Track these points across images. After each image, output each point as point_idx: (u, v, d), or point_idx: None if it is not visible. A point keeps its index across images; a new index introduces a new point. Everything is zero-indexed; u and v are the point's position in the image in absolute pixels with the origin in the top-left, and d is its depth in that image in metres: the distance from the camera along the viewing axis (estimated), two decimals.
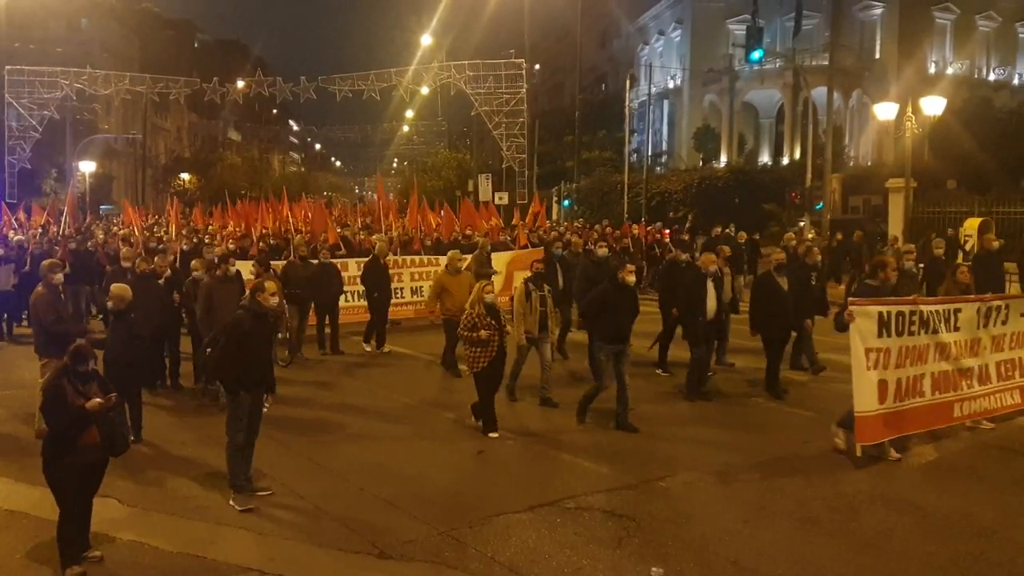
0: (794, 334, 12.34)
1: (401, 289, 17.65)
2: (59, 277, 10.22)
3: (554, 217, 40.88)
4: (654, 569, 6.37)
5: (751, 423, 10.51)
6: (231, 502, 7.55)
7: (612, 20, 63.48)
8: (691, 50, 54.14)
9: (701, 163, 49.00)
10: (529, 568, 6.42)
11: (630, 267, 10.29)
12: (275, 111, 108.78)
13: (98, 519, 6.66)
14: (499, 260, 18.46)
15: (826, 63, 38.30)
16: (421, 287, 17.43)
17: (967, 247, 21.63)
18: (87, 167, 50.89)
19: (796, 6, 40.10)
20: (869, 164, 43.18)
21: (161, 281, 11.97)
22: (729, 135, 51.22)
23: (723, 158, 49.61)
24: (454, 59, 45.11)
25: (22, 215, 29.39)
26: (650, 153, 49.17)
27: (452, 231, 22.12)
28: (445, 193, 44.90)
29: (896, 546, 6.87)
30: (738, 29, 46.83)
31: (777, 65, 45.86)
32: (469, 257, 16.11)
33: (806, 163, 29.40)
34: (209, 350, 8.72)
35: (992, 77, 50.55)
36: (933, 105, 25.76)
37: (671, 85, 56.46)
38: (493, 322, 9.75)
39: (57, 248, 17.89)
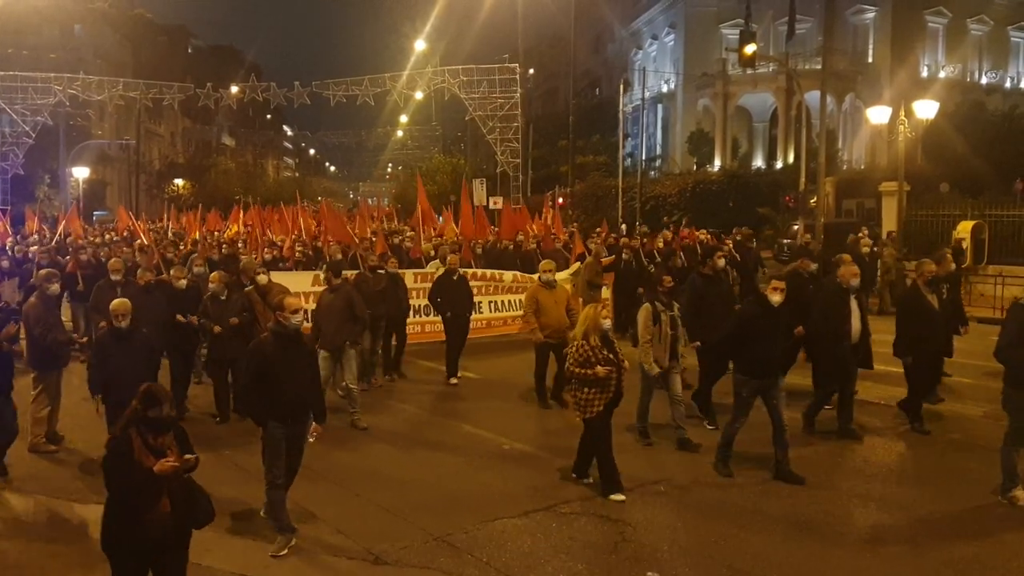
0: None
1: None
2: (55, 288, 10.03)
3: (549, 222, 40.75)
4: (649, 574, 6.39)
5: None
6: (274, 550, 6.76)
7: (606, 25, 63.61)
8: (684, 54, 54.26)
9: (695, 167, 49.05)
10: (524, 573, 6.42)
11: (776, 283, 8.62)
12: (269, 116, 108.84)
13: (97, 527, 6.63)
14: (562, 273, 16.34)
15: (819, 67, 38.22)
16: (480, 303, 15.82)
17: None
18: (81, 173, 50.80)
19: (789, 10, 40.27)
20: (862, 168, 43.26)
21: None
22: (723, 139, 51.30)
23: (717, 162, 49.68)
24: (448, 64, 45.21)
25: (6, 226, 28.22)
26: (644, 157, 49.32)
27: (485, 235, 20.88)
28: (440, 198, 44.91)
29: (890, 550, 6.89)
30: (731, 33, 46.91)
31: (770, 69, 45.97)
32: (561, 268, 14.96)
33: (800, 167, 29.42)
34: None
35: (984, 81, 50.74)
36: (926, 109, 25.81)
37: (665, 89, 56.58)
38: (611, 355, 7.99)
39: (65, 259, 16.12)
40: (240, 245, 19.18)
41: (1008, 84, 51.35)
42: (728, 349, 8.79)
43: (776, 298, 8.43)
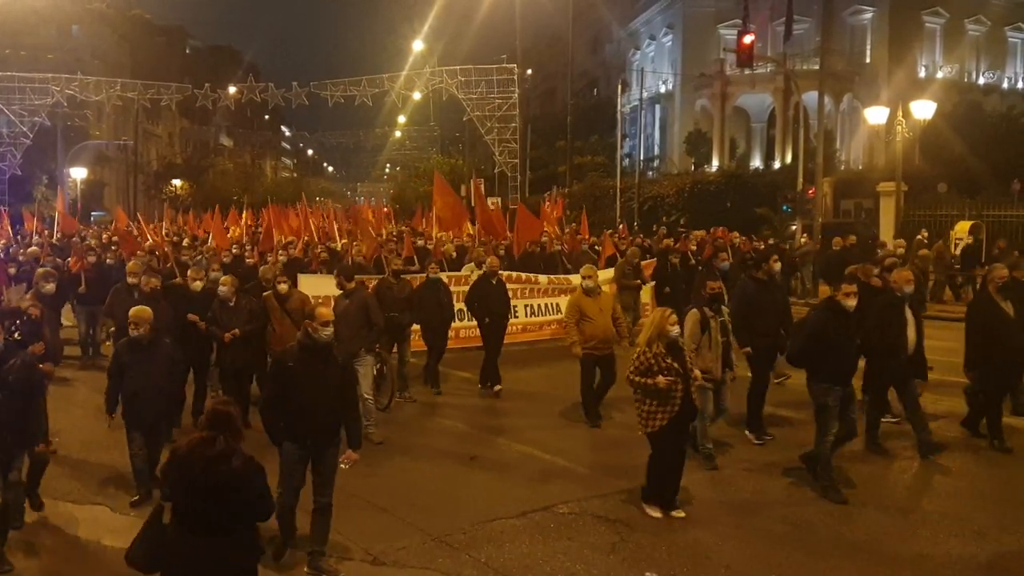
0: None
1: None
2: (50, 287, 10.04)
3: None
4: (647, 574, 6.39)
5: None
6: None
7: (603, 25, 63.60)
8: (682, 55, 54.25)
9: (693, 167, 49.03)
10: (523, 573, 6.42)
11: (848, 287, 8.02)
12: (267, 117, 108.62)
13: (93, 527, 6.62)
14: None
15: (817, 67, 38.28)
16: (516, 307, 14.76)
17: (958, 251, 21.77)
18: (78, 174, 50.75)
19: (787, 11, 40.30)
20: (860, 168, 43.29)
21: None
22: (721, 139, 51.30)
23: (715, 162, 49.68)
24: (446, 64, 45.22)
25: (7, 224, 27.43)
26: (642, 158, 49.27)
27: (504, 236, 19.95)
28: None
29: (888, 549, 6.89)
30: (729, 34, 46.96)
31: (768, 69, 45.98)
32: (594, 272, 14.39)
33: (798, 167, 29.45)
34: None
35: (982, 81, 50.78)
36: (923, 109, 25.89)
37: (663, 90, 56.59)
38: (676, 365, 7.38)
39: (66, 261, 15.60)
40: (247, 247, 18.74)
41: (1005, 84, 51.40)
42: (805, 359, 8.21)
43: (850, 303, 7.94)
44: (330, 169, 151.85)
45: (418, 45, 56.67)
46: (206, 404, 9.67)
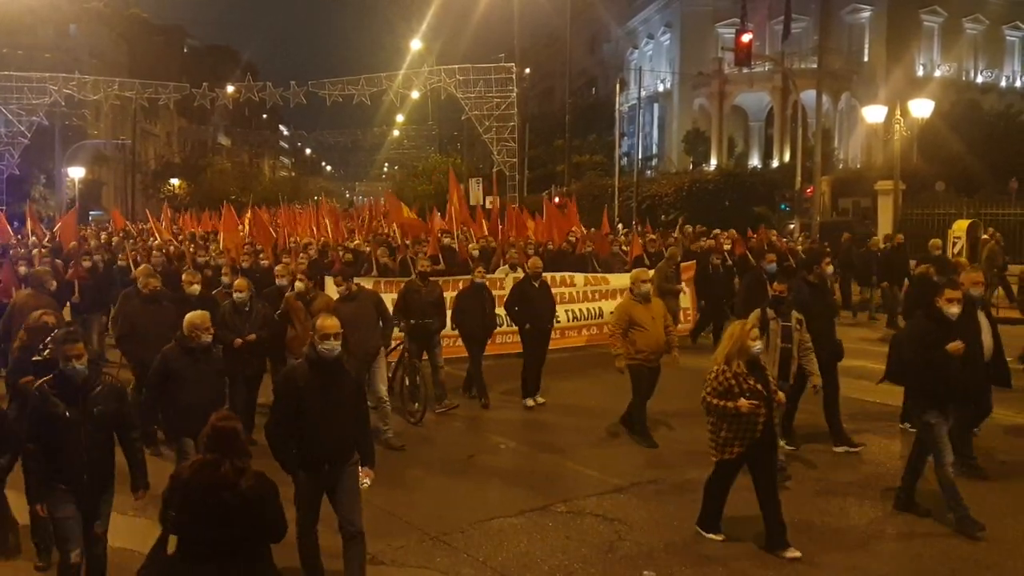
0: None
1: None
2: (53, 284, 10.00)
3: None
4: (645, 573, 6.39)
5: None
6: None
7: (601, 24, 63.63)
8: (680, 54, 54.32)
9: (691, 166, 49.10)
10: (521, 572, 6.42)
11: (951, 292, 7.21)
12: (265, 116, 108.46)
13: None
14: (620, 280, 14.48)
15: (815, 66, 38.42)
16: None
17: (955, 249, 21.75)
18: (76, 173, 50.71)
19: (786, 10, 40.28)
20: (858, 166, 43.35)
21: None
22: (719, 138, 51.35)
23: (713, 161, 49.73)
24: (444, 63, 45.15)
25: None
26: (640, 157, 49.25)
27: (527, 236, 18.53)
28: (436, 198, 44.89)
29: (886, 548, 6.90)
30: (727, 33, 47.00)
31: (766, 68, 46.02)
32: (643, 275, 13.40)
33: (796, 166, 29.49)
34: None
35: (980, 80, 50.85)
36: (921, 108, 25.90)
37: (661, 89, 56.64)
38: (759, 386, 6.64)
39: (66, 264, 14.57)
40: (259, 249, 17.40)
41: (1003, 83, 51.47)
42: (907, 376, 7.45)
43: (953, 310, 7.14)
44: (328, 168, 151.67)
45: (416, 44, 56.55)
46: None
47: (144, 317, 9.34)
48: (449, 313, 11.54)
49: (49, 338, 6.85)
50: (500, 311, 12.07)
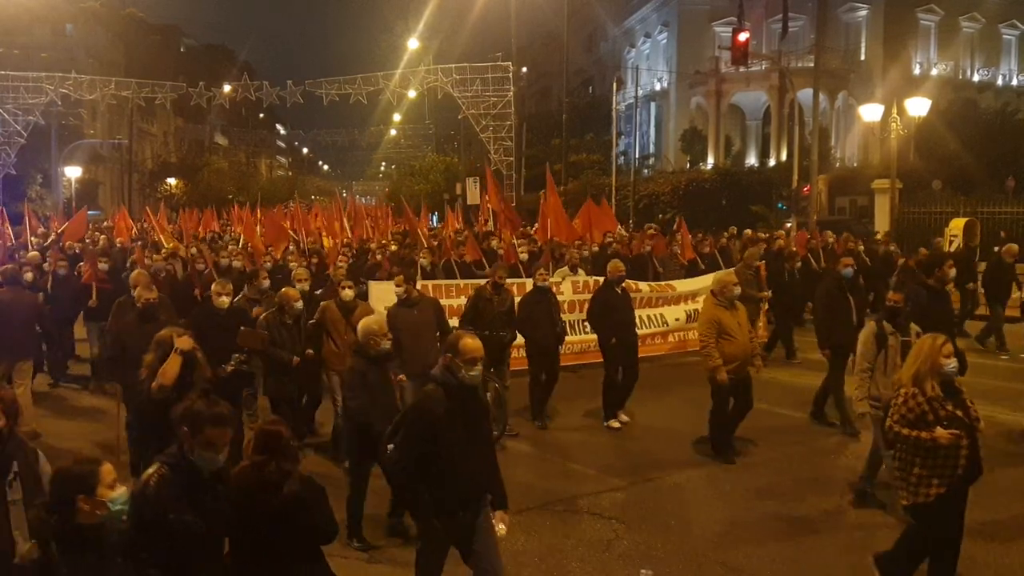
0: None
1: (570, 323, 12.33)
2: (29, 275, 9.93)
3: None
4: (643, 571, 6.39)
5: None
6: None
7: (598, 23, 63.61)
8: (677, 53, 54.30)
9: (688, 165, 49.11)
10: (518, 571, 6.41)
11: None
12: (262, 115, 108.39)
13: None
14: (686, 286, 14.05)
15: (811, 65, 38.34)
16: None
17: (952, 247, 21.77)
18: (73, 173, 50.63)
19: (783, 8, 40.26)
20: (855, 165, 43.37)
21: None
22: (716, 137, 51.35)
23: (710, 160, 49.74)
24: (441, 62, 45.17)
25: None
26: (637, 155, 49.26)
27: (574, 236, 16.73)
28: (433, 197, 44.94)
29: (884, 545, 6.89)
30: (724, 31, 46.99)
31: (763, 67, 46.04)
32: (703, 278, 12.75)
33: (793, 164, 29.49)
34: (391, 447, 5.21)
35: (976, 78, 50.87)
36: (918, 106, 25.95)
37: (658, 88, 56.63)
38: (958, 412, 5.55)
39: (79, 266, 13.49)
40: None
41: (1000, 81, 51.47)
42: None
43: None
44: (325, 167, 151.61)
45: (413, 43, 56.66)
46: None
47: (138, 337, 7.41)
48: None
49: None
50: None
